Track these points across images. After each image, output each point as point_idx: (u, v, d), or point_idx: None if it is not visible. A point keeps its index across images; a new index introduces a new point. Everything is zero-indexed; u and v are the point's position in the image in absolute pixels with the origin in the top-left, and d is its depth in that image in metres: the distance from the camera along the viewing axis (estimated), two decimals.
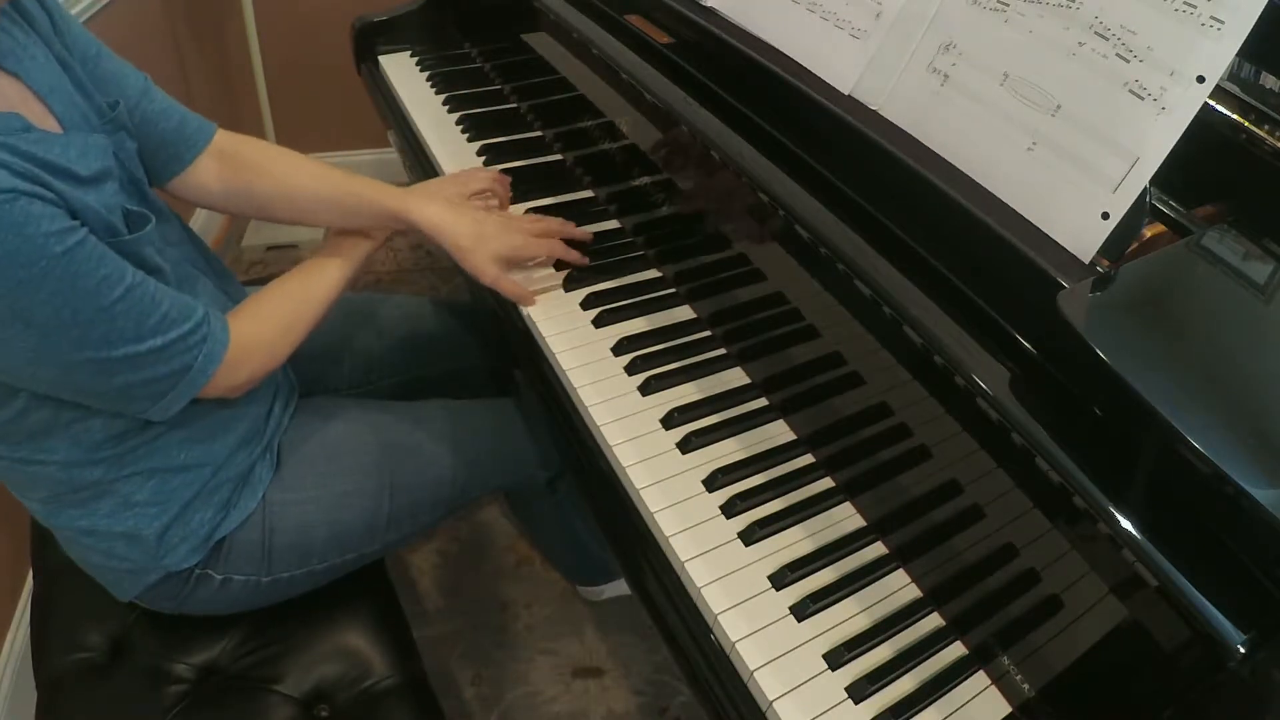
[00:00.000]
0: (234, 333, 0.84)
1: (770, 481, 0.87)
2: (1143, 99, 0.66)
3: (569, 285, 1.09)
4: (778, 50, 0.94)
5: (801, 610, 0.76)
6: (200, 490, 0.91)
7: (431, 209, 1.00)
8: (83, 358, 0.72)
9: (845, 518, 0.85)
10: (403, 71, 1.57)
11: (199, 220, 2.32)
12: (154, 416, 0.82)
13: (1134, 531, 0.57)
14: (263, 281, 1.23)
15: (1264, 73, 0.76)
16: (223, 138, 1.00)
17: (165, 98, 0.96)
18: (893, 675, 0.72)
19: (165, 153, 0.96)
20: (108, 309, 0.72)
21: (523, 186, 1.22)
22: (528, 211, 1.19)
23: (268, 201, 1.02)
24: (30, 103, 0.77)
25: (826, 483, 0.88)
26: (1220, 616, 0.53)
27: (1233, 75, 0.76)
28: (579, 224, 1.18)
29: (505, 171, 1.29)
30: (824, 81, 0.88)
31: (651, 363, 0.98)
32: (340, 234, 1.02)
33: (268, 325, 0.89)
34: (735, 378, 0.98)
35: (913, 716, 0.70)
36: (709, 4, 1.01)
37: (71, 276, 0.68)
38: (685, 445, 0.89)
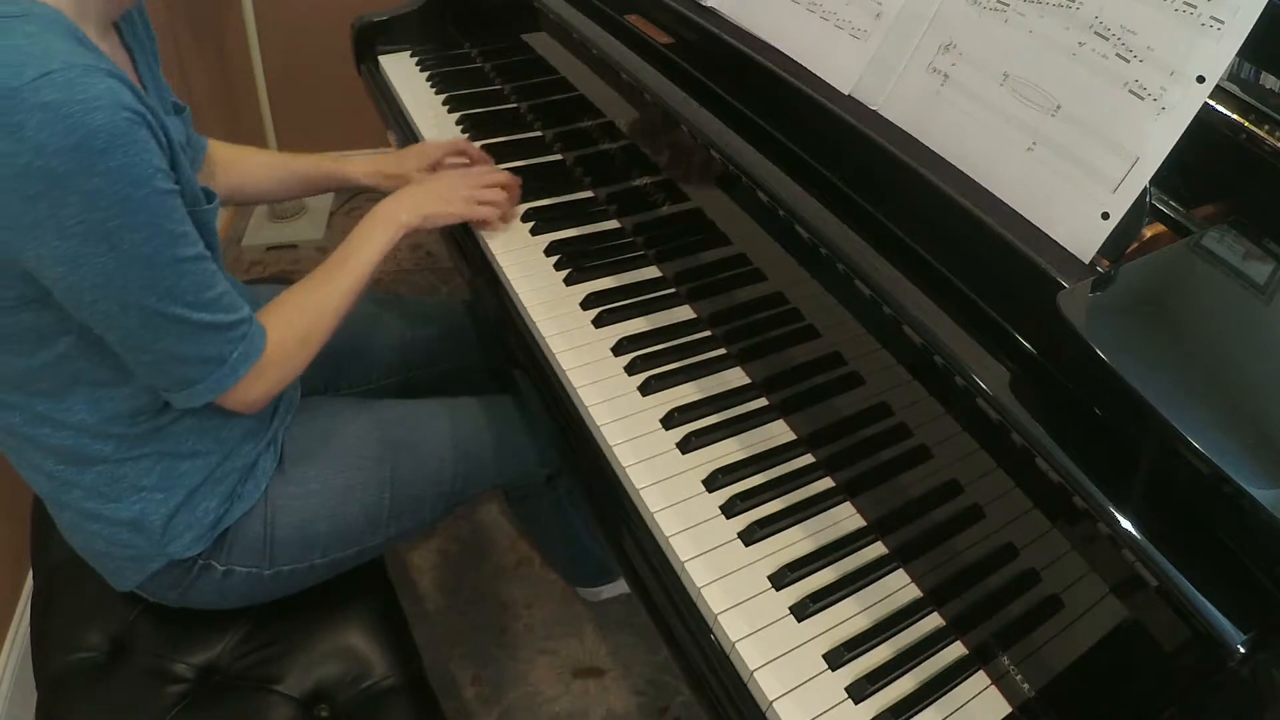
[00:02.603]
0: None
1: (770, 481, 0.87)
2: (1143, 99, 0.66)
3: (569, 281, 1.09)
4: (778, 50, 0.94)
5: (801, 610, 0.76)
6: (206, 478, 0.91)
7: (366, 167, 1.21)
8: (143, 302, 0.74)
9: (845, 518, 0.85)
10: (403, 71, 1.57)
11: None
12: (176, 403, 0.83)
13: (1134, 531, 0.57)
14: (263, 282, 1.23)
15: (1264, 73, 0.76)
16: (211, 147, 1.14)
17: None
18: (893, 675, 0.72)
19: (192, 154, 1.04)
20: (180, 263, 0.75)
21: (523, 186, 1.22)
22: (526, 212, 1.19)
23: (235, 188, 1.17)
24: (134, 78, 0.84)
25: (826, 483, 0.88)
26: (1220, 616, 0.53)
27: (1233, 75, 0.76)
28: (579, 224, 1.19)
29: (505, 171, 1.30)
30: (824, 81, 0.88)
31: (651, 363, 0.98)
32: (351, 241, 1.02)
33: (288, 339, 0.89)
34: (735, 378, 0.98)
35: (913, 716, 0.70)
36: (709, 4, 1.01)
37: (163, 217, 0.72)
38: (685, 445, 0.89)
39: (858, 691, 0.71)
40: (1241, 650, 0.52)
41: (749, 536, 0.81)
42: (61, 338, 0.79)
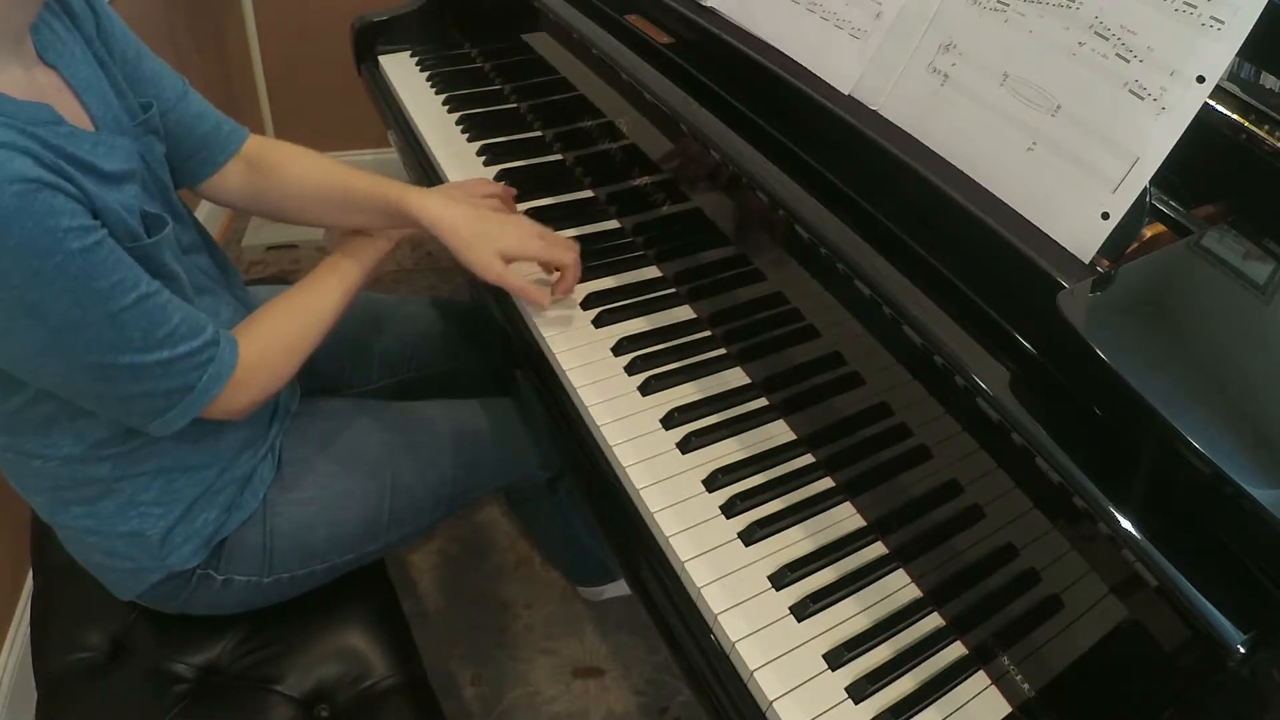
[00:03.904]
0: (240, 354, 0.83)
1: (770, 481, 0.87)
2: (1143, 99, 0.66)
3: None
4: (778, 50, 0.94)
5: (801, 610, 0.76)
6: (205, 491, 0.91)
7: (432, 202, 0.97)
8: (88, 360, 0.72)
9: (845, 518, 0.85)
10: (403, 71, 1.57)
11: (200, 216, 2.31)
12: (153, 431, 0.81)
13: (1134, 531, 0.57)
14: (263, 282, 1.23)
15: (1264, 73, 0.76)
16: (251, 142, 1.02)
17: (202, 101, 0.98)
18: (893, 675, 0.72)
19: (200, 156, 0.98)
20: (117, 315, 0.71)
21: (523, 186, 1.22)
22: (526, 212, 1.19)
23: (280, 201, 1.03)
24: (65, 96, 0.78)
25: (826, 483, 0.88)
26: (1220, 616, 0.53)
27: (1233, 75, 0.76)
28: (579, 224, 1.19)
29: (505, 171, 1.30)
30: (824, 81, 0.88)
31: (651, 363, 0.98)
32: (345, 247, 1.00)
33: (273, 347, 0.87)
34: (735, 378, 0.98)
35: (913, 716, 0.70)
36: (709, 4, 1.01)
37: (86, 276, 0.68)
38: (685, 445, 0.89)
39: (858, 691, 0.71)
40: (1241, 650, 0.52)
41: (749, 536, 0.81)
42: (21, 388, 0.77)
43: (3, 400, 0.78)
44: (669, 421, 0.92)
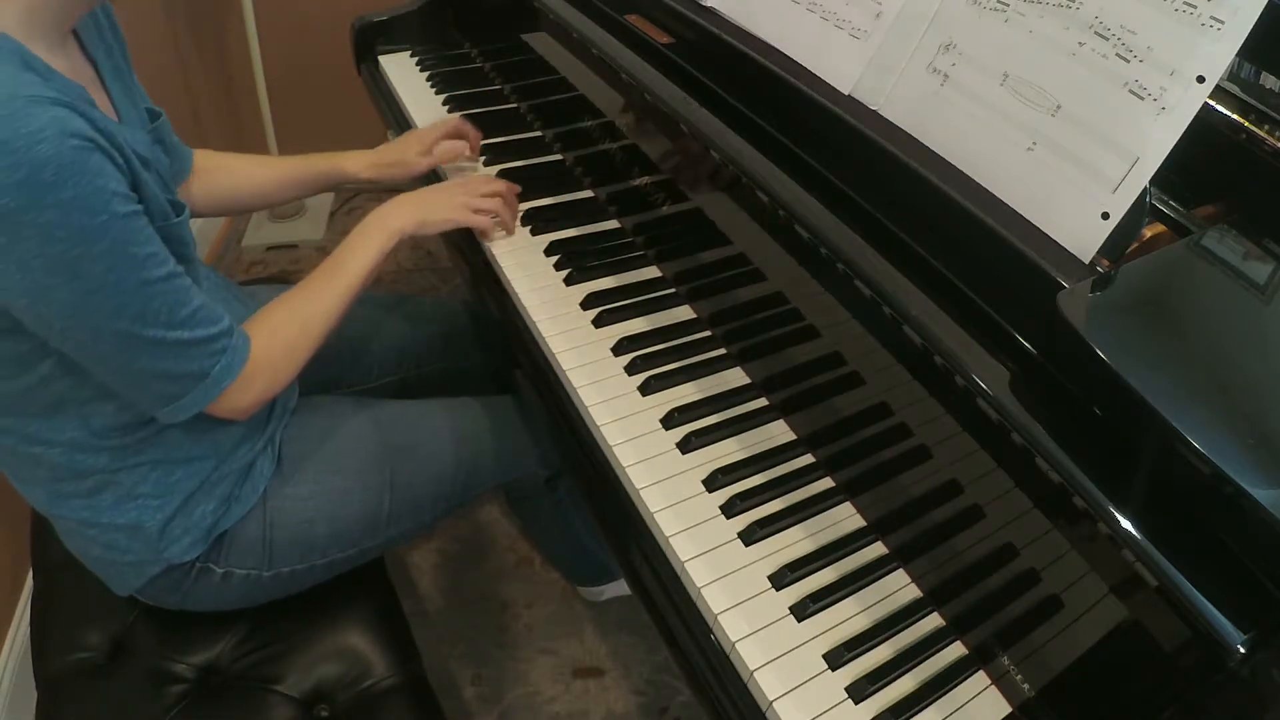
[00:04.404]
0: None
1: (770, 481, 0.87)
2: (1143, 99, 0.66)
3: (569, 281, 1.09)
4: (778, 50, 0.94)
5: (801, 610, 0.76)
6: (203, 483, 0.91)
7: (364, 160, 1.20)
8: (114, 327, 0.73)
9: (845, 518, 0.85)
10: (403, 71, 1.57)
11: (199, 222, 2.31)
12: (162, 418, 0.82)
13: (1134, 531, 0.57)
14: (263, 282, 1.23)
15: (1264, 73, 0.76)
16: (196, 156, 1.12)
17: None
18: (893, 675, 0.72)
19: (173, 170, 1.03)
20: (148, 285, 0.73)
21: (523, 187, 1.22)
22: (526, 212, 1.19)
23: (231, 192, 1.16)
24: (98, 88, 0.82)
25: (826, 483, 0.88)
26: (1220, 616, 0.53)
27: (1233, 75, 0.76)
28: (579, 224, 1.19)
29: (505, 171, 1.30)
30: (824, 81, 0.88)
31: (651, 363, 0.98)
32: (345, 246, 1.01)
33: (275, 345, 0.89)
34: (735, 378, 0.98)
35: (913, 716, 0.70)
36: (709, 4, 1.01)
37: (125, 241, 0.71)
38: (685, 445, 0.89)
39: (858, 691, 0.71)
40: (1241, 650, 0.52)
41: (749, 536, 0.81)
42: (42, 361, 0.78)
43: (15, 377, 0.79)
44: (669, 421, 0.92)
